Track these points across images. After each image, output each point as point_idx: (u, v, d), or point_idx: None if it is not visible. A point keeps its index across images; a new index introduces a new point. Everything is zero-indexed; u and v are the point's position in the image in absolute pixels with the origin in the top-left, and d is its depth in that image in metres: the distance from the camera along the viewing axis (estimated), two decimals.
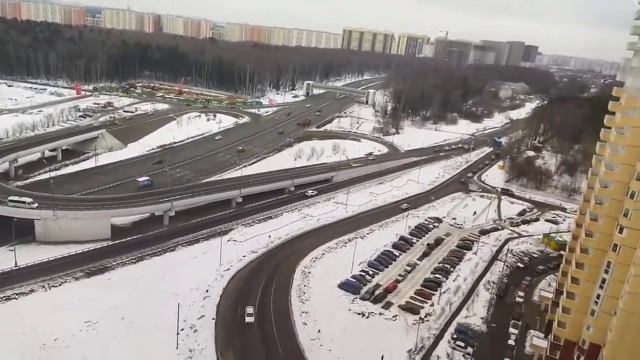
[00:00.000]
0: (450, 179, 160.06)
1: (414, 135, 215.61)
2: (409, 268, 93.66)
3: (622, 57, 74.04)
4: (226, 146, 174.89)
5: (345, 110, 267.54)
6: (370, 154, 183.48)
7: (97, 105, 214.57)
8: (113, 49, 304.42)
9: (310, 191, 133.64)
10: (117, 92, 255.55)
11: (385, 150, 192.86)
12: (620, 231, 54.84)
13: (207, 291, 79.08)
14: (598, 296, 56.99)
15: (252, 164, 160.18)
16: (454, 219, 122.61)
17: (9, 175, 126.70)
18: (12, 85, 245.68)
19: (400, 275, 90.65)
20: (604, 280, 56.52)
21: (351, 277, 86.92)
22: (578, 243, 67.09)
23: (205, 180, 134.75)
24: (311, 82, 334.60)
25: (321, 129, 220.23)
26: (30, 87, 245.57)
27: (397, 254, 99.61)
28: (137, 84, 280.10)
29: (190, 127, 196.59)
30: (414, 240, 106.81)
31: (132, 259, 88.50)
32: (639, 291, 49.80)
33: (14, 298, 72.55)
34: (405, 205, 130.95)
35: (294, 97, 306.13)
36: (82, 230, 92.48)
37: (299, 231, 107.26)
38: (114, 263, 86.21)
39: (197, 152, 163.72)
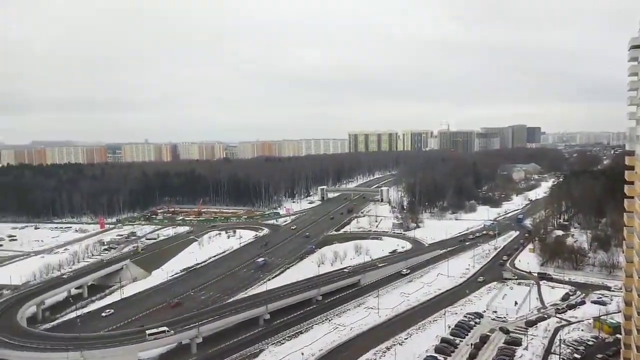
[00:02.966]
0: (482, 269, 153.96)
1: (435, 228, 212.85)
2: None
3: (626, 127, 75.15)
4: (248, 261, 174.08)
5: (362, 210, 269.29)
6: (394, 251, 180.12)
7: (120, 237, 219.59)
8: (134, 181, 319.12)
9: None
10: (139, 221, 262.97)
11: (409, 245, 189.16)
12: None
13: None
14: None
15: (276, 276, 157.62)
16: (495, 312, 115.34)
17: (36, 318, 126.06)
18: (38, 228, 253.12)
19: None
20: None
21: None
22: (632, 323, 62.09)
23: (231, 300, 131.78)
24: (325, 187, 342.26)
25: (340, 232, 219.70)
26: (56, 227, 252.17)
27: (442, 359, 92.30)
28: (158, 211, 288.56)
29: (212, 246, 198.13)
30: (457, 342, 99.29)
31: None
32: None
33: None
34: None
35: (309, 203, 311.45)
36: None
37: (333, 344, 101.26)
38: None
39: (220, 271, 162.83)
